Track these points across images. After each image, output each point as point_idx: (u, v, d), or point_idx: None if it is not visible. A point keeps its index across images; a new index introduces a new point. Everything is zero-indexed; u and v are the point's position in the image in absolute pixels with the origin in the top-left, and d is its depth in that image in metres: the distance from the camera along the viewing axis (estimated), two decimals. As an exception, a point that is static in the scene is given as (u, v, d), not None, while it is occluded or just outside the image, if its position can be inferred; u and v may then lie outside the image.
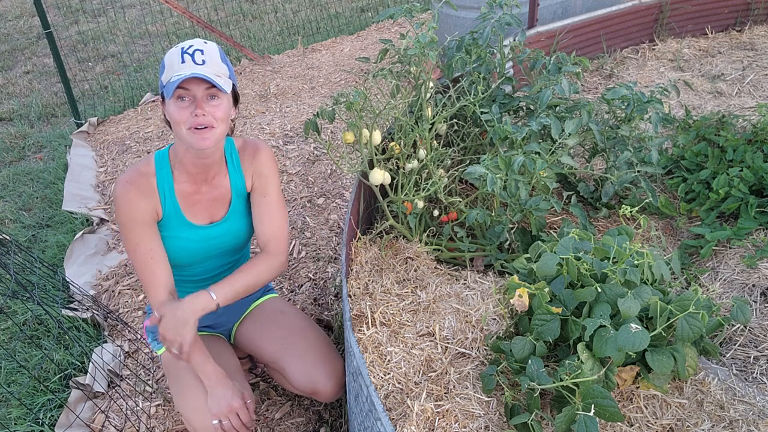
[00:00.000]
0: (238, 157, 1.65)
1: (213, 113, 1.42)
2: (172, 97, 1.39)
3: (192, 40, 1.44)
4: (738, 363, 1.66)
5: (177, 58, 1.40)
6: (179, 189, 1.56)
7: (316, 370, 1.68)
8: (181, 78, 1.35)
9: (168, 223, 1.56)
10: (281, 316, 1.82)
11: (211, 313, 1.78)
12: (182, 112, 1.40)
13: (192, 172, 1.56)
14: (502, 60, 2.30)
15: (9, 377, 2.20)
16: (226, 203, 1.64)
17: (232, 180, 1.64)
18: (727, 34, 4.14)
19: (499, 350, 1.41)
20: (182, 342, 1.45)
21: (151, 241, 1.51)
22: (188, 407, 1.57)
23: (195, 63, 1.38)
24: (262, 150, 1.66)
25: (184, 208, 1.57)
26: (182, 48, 1.41)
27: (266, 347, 1.76)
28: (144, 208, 1.50)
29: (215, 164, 1.58)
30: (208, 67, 1.39)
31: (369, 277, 1.76)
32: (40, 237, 3.08)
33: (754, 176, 2.18)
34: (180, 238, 1.58)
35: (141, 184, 1.50)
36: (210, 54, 1.41)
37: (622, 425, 1.28)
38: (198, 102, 1.40)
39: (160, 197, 1.53)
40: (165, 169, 1.54)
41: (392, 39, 5.19)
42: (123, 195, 1.48)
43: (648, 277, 1.36)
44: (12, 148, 4.15)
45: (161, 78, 1.44)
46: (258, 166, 1.65)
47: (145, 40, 6.35)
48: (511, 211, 1.96)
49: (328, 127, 3.89)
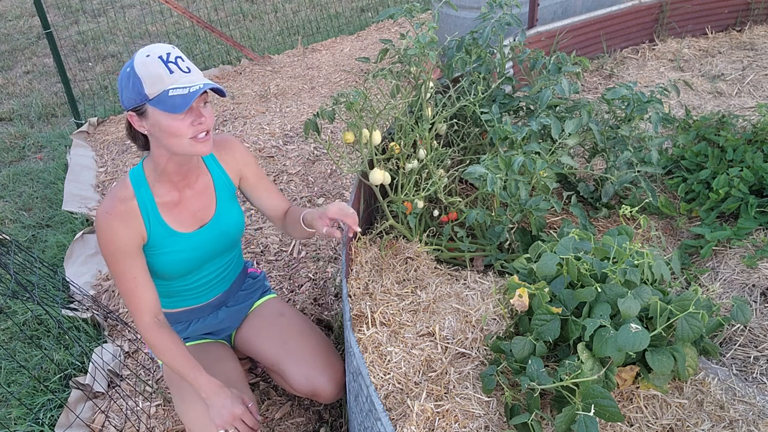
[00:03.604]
0: (214, 154, 1.64)
1: (209, 118, 1.39)
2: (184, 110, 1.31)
3: (157, 45, 1.34)
4: (738, 363, 1.66)
5: (162, 69, 1.30)
6: (161, 203, 1.52)
7: (315, 372, 1.67)
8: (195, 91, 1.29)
9: (157, 242, 1.53)
10: (280, 319, 1.81)
11: (212, 320, 1.78)
12: (181, 125, 1.34)
13: (175, 180, 1.53)
14: (502, 60, 2.30)
15: (9, 377, 2.20)
16: (212, 201, 1.63)
17: (214, 175, 1.63)
18: (727, 34, 4.14)
19: (499, 350, 1.41)
20: (236, 415, 1.52)
21: (136, 269, 1.48)
22: (191, 418, 1.56)
23: (182, 71, 1.32)
24: (233, 142, 1.68)
25: (170, 220, 1.54)
26: (160, 57, 1.31)
27: (265, 350, 1.76)
28: (127, 237, 1.46)
29: (195, 167, 1.57)
30: (196, 73, 1.35)
31: (369, 277, 1.76)
32: (40, 237, 3.08)
33: (754, 176, 2.18)
34: (173, 252, 1.55)
35: (122, 211, 1.46)
36: (186, 58, 1.37)
37: (622, 425, 1.28)
38: (197, 111, 1.35)
39: (144, 219, 1.49)
40: (143, 187, 1.50)
41: (392, 39, 5.20)
42: (105, 227, 1.44)
43: (648, 277, 1.36)
44: (12, 148, 4.15)
45: (143, 91, 1.31)
46: (241, 157, 1.67)
47: (145, 40, 6.35)
48: (511, 211, 1.96)
49: (328, 127, 3.89)
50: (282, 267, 2.67)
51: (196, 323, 1.76)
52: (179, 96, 1.29)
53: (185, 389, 1.60)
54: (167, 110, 1.30)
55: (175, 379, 1.65)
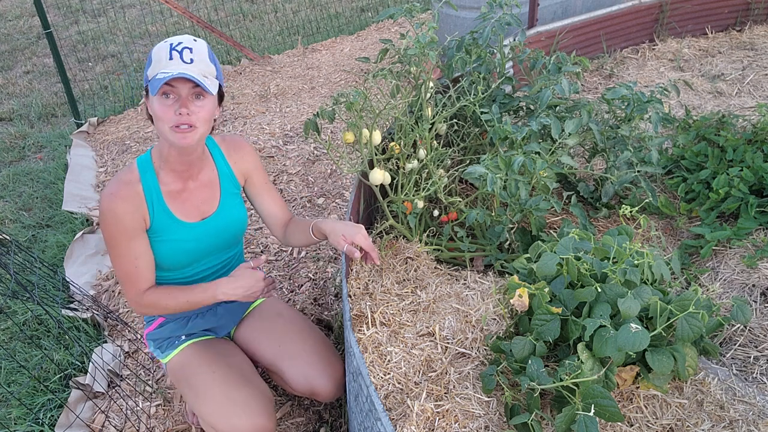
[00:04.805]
0: (220, 149, 1.66)
1: (197, 113, 1.40)
2: (156, 93, 1.36)
3: (181, 36, 1.41)
4: (738, 363, 1.66)
5: (165, 54, 1.37)
6: (166, 191, 1.54)
7: (314, 372, 1.67)
8: (168, 77, 1.33)
9: (159, 228, 1.54)
10: (279, 319, 1.81)
11: (210, 316, 1.78)
12: (166, 110, 1.38)
13: (178, 170, 1.55)
14: (502, 60, 2.30)
15: (9, 377, 2.20)
16: (216, 195, 1.64)
17: (220, 170, 1.65)
18: (727, 34, 4.14)
19: (499, 350, 1.41)
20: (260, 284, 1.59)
21: (137, 250, 1.50)
22: (210, 411, 1.54)
23: (183, 61, 1.36)
24: (243, 144, 1.71)
25: (174, 208, 1.56)
26: (171, 44, 1.38)
27: (264, 350, 1.76)
28: (130, 220, 1.47)
29: (198, 160, 1.58)
30: (196, 67, 1.37)
31: (369, 277, 1.76)
32: (40, 237, 3.08)
33: (754, 176, 2.18)
34: (174, 240, 1.56)
35: (126, 194, 1.47)
36: (199, 53, 1.39)
37: (622, 425, 1.28)
38: (183, 100, 1.38)
39: (147, 203, 1.51)
40: (149, 173, 1.53)
41: (392, 39, 5.19)
42: (109, 209, 1.46)
43: (648, 277, 1.36)
44: (12, 148, 4.15)
45: (146, 71, 1.41)
46: (250, 160, 1.71)
47: (145, 40, 6.35)
48: (511, 211, 1.96)
49: (328, 127, 3.89)
50: (282, 267, 2.67)
51: (195, 319, 1.76)
52: (159, 79, 1.34)
53: (198, 382, 1.59)
54: (151, 92, 1.37)
55: (185, 376, 1.64)
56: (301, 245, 1.74)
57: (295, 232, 1.72)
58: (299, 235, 1.70)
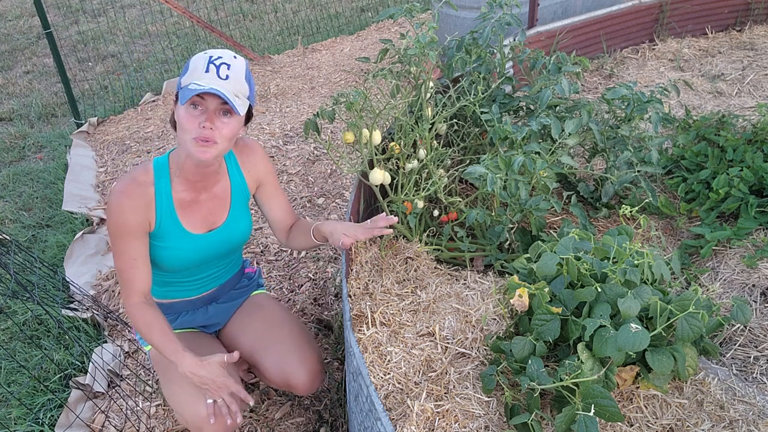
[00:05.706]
0: (236, 158, 1.65)
1: (221, 129, 1.39)
2: (185, 102, 1.36)
3: (223, 50, 1.40)
4: (738, 363, 1.66)
5: (202, 65, 1.36)
6: (177, 198, 1.54)
7: (288, 359, 1.66)
8: (199, 90, 1.32)
9: (164, 233, 1.54)
10: (259, 311, 1.81)
11: (201, 314, 1.79)
12: (191, 121, 1.37)
13: (191, 180, 1.54)
14: (502, 60, 2.30)
15: (9, 377, 2.20)
16: (226, 207, 1.64)
17: (233, 182, 1.64)
18: (727, 34, 4.14)
19: (499, 350, 1.41)
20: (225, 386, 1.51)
21: (136, 251, 1.50)
22: (179, 401, 1.56)
23: (218, 76, 1.35)
24: (256, 148, 1.70)
25: (182, 218, 1.55)
26: (210, 57, 1.37)
27: (243, 343, 1.75)
28: (135, 219, 1.47)
29: (214, 173, 1.57)
30: (230, 84, 1.37)
31: (369, 277, 1.76)
32: (40, 237, 3.08)
33: (754, 176, 2.18)
34: (176, 248, 1.56)
35: (136, 195, 1.48)
36: (236, 70, 1.38)
37: (622, 425, 1.28)
38: (209, 114, 1.37)
39: (156, 208, 1.51)
40: (164, 178, 1.52)
41: (392, 39, 5.19)
42: (116, 206, 1.46)
43: (648, 277, 1.36)
44: (12, 148, 4.15)
45: (180, 79, 1.40)
46: (262, 165, 1.69)
47: (145, 40, 6.35)
48: (511, 211, 1.96)
49: (328, 127, 3.89)
50: (282, 267, 2.67)
51: (185, 315, 1.77)
52: (190, 90, 1.34)
53: (172, 370, 1.59)
54: (180, 101, 1.37)
55: (161, 362, 1.64)
56: (303, 248, 1.73)
57: (298, 235, 1.71)
58: (301, 238, 1.69)
